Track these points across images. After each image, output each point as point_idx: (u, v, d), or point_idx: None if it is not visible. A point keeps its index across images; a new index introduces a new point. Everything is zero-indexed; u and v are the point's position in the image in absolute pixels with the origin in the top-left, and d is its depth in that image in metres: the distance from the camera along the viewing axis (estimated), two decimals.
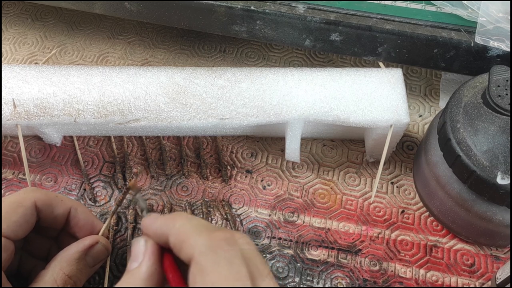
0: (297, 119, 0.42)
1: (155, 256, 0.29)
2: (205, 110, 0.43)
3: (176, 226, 0.28)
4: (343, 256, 0.41)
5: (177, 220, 0.28)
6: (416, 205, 0.44)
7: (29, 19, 0.59)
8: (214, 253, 0.26)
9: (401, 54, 0.45)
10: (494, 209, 0.36)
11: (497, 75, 0.36)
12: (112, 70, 0.45)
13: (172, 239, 0.28)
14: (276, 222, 0.43)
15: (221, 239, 0.27)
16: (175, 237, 0.28)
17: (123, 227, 0.42)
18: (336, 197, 0.44)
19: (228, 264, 0.25)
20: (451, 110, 0.38)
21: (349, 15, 0.45)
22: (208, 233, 0.27)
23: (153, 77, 0.44)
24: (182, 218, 0.29)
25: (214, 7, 0.45)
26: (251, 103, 0.43)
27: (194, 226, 0.28)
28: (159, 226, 0.29)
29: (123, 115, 0.42)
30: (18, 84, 0.43)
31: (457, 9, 0.44)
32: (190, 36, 0.57)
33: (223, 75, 0.44)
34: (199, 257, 0.26)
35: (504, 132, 0.35)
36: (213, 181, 0.45)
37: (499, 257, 0.41)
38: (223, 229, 0.28)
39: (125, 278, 0.28)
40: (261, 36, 0.47)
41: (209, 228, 0.28)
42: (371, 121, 0.41)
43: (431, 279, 0.40)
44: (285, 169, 0.46)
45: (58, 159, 0.47)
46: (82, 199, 0.44)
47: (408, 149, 0.47)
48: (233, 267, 0.25)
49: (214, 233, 0.27)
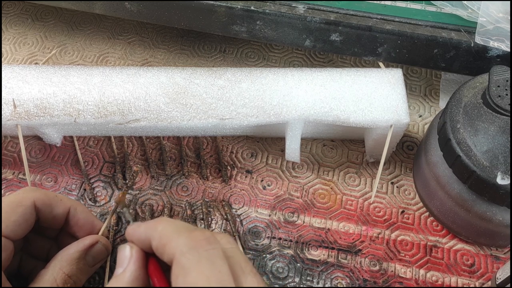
0: (297, 119, 0.42)
1: (139, 262, 0.30)
2: (205, 110, 0.43)
3: (158, 230, 0.29)
4: (343, 256, 0.41)
5: (158, 224, 0.29)
6: (416, 205, 0.44)
7: (29, 19, 0.59)
8: (195, 253, 0.26)
9: (401, 54, 0.45)
10: (494, 209, 0.36)
11: (497, 75, 0.36)
12: (112, 70, 0.45)
13: (155, 242, 0.28)
14: (276, 222, 0.43)
15: (202, 238, 0.27)
16: (158, 240, 0.28)
17: (123, 227, 0.42)
18: (336, 197, 0.44)
19: (210, 263, 0.25)
20: (451, 110, 0.38)
21: (349, 15, 0.45)
22: (188, 233, 0.27)
23: (153, 77, 0.44)
24: (163, 222, 0.29)
25: (214, 7, 0.45)
26: (251, 104, 0.43)
27: (174, 228, 0.28)
28: (142, 232, 0.30)
29: (123, 115, 0.42)
30: (18, 84, 0.43)
31: (457, 9, 0.44)
32: (190, 36, 0.57)
33: (223, 75, 0.44)
34: (180, 257, 0.26)
35: (504, 132, 0.35)
36: (213, 181, 0.45)
37: (499, 257, 0.41)
38: (203, 230, 0.28)
39: (111, 282, 0.29)
40: (261, 36, 0.47)
41: (189, 229, 0.28)
42: (371, 121, 0.41)
43: (431, 279, 0.40)
44: (285, 169, 0.46)
45: (58, 159, 0.47)
46: (82, 199, 0.44)
47: (408, 149, 0.47)
48: (215, 266, 0.25)
49: (194, 233, 0.27)
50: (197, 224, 0.42)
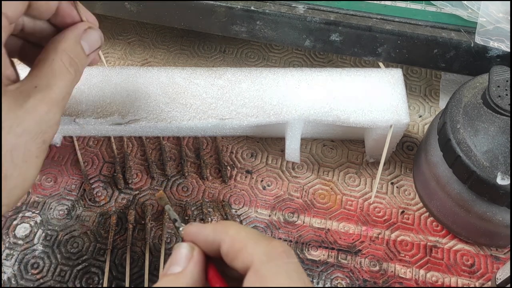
0: (297, 119, 0.42)
1: (201, 265, 0.28)
2: (205, 110, 0.43)
3: (230, 233, 0.27)
4: (343, 257, 0.41)
5: (230, 228, 0.28)
6: (416, 206, 0.44)
7: None
8: (275, 264, 0.26)
9: (401, 55, 0.45)
10: (494, 210, 0.36)
11: (497, 76, 0.36)
12: (112, 71, 0.45)
13: (225, 246, 0.27)
14: (276, 223, 0.43)
15: (281, 250, 0.26)
16: (229, 244, 0.27)
17: (123, 227, 0.42)
18: (336, 197, 0.44)
19: (288, 277, 0.25)
20: (451, 111, 0.38)
21: (349, 15, 0.45)
22: (267, 243, 0.27)
23: (153, 78, 0.44)
24: (234, 225, 0.28)
25: (214, 7, 0.45)
26: (251, 103, 0.43)
27: (250, 234, 0.27)
28: (209, 233, 0.28)
29: (123, 116, 0.42)
30: None
31: (457, 9, 0.44)
32: (190, 36, 0.57)
33: (223, 75, 0.44)
34: (260, 265, 0.25)
35: (504, 133, 0.35)
36: (213, 181, 0.45)
37: (499, 258, 0.41)
38: (280, 241, 0.28)
39: (167, 280, 0.27)
40: (261, 36, 0.47)
41: (266, 237, 0.27)
42: (371, 121, 0.41)
43: (431, 279, 0.40)
44: (285, 170, 0.46)
45: (58, 159, 0.47)
46: (82, 199, 0.44)
47: (408, 149, 0.47)
48: (292, 281, 0.25)
49: (273, 243, 0.27)
50: None
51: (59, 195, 0.44)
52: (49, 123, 0.30)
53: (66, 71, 0.31)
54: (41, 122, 0.29)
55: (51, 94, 0.29)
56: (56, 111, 0.30)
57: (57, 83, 0.30)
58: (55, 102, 0.30)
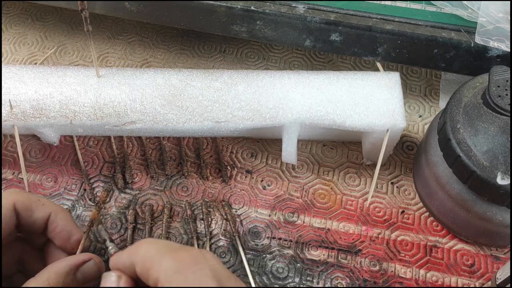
0: (293, 123, 0.42)
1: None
2: (201, 113, 0.42)
3: (140, 253, 0.27)
4: (343, 257, 0.41)
5: (140, 248, 0.28)
6: (416, 205, 0.44)
7: (29, 19, 0.59)
8: (182, 276, 0.25)
9: (401, 54, 0.45)
10: (494, 210, 0.36)
11: (497, 76, 0.36)
12: (108, 72, 0.44)
13: (138, 268, 0.27)
14: (276, 222, 0.43)
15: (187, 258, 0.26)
16: (141, 265, 0.27)
17: (123, 227, 0.42)
18: (336, 197, 0.44)
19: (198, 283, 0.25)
20: (451, 111, 0.38)
21: (349, 15, 0.45)
22: (172, 254, 0.26)
23: (149, 79, 0.44)
24: (145, 244, 0.28)
25: (214, 7, 0.45)
26: (247, 106, 0.43)
27: (157, 250, 0.27)
28: (125, 258, 0.28)
29: (119, 118, 0.42)
30: (15, 84, 0.43)
31: (457, 9, 0.44)
32: (190, 36, 0.57)
33: (219, 77, 0.44)
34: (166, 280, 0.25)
35: (504, 133, 0.35)
36: (213, 181, 0.45)
37: (499, 257, 0.41)
38: (189, 248, 0.27)
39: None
40: (261, 36, 0.47)
41: (173, 249, 0.27)
42: (368, 125, 0.41)
43: (431, 279, 0.40)
44: (285, 169, 0.46)
45: (58, 159, 0.47)
46: (82, 199, 0.44)
47: (408, 149, 0.47)
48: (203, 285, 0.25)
49: (179, 253, 0.26)
50: (197, 224, 0.42)
51: (59, 195, 0.44)
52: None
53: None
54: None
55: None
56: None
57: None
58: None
